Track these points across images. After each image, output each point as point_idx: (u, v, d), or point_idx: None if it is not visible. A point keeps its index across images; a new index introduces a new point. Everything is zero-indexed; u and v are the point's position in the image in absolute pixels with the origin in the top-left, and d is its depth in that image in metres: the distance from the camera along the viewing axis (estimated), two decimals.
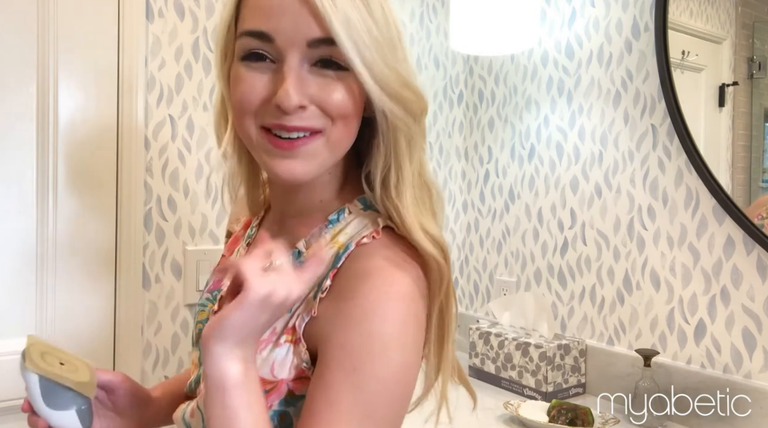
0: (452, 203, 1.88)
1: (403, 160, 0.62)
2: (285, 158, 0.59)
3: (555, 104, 1.61)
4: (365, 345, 0.55)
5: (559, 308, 1.59)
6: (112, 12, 1.28)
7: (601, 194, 1.49)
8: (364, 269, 0.58)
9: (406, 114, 0.61)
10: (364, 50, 0.56)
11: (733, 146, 1.25)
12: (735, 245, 1.23)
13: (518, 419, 1.27)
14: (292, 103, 0.56)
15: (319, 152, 0.60)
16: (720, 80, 1.27)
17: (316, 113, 0.58)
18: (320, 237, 0.64)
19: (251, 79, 0.58)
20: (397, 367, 0.56)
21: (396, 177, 0.62)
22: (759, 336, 1.19)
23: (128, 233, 1.30)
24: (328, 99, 0.58)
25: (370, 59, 0.57)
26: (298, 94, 0.56)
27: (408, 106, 0.61)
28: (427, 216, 0.63)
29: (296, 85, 0.56)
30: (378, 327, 0.55)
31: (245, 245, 0.75)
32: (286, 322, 0.60)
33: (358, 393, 0.53)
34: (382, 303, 0.56)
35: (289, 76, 0.56)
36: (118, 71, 1.29)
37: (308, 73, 0.58)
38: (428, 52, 1.82)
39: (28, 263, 1.21)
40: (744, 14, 1.25)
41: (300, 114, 0.57)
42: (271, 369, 0.59)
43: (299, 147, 0.58)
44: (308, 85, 0.57)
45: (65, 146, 1.24)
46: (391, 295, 0.57)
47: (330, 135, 0.59)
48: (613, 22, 1.46)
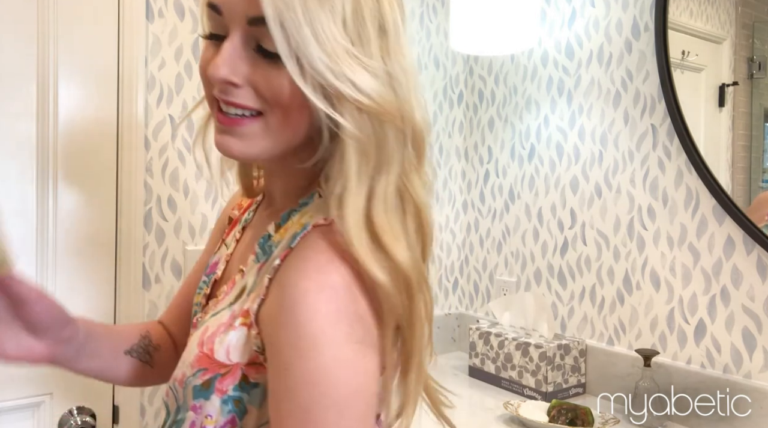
0: (452, 203, 1.88)
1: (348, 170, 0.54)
2: (224, 134, 0.58)
3: (555, 104, 1.61)
4: (293, 342, 0.50)
5: (559, 308, 1.59)
6: (112, 12, 1.28)
7: (601, 194, 1.49)
8: (304, 253, 0.55)
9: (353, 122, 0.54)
10: (298, 39, 0.51)
11: (733, 146, 1.25)
12: (735, 245, 1.23)
13: (518, 419, 1.27)
14: (218, 76, 0.55)
15: (257, 134, 0.57)
16: (720, 80, 1.27)
17: (251, 94, 0.56)
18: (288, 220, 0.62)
19: (207, 53, 0.59)
20: (329, 365, 0.49)
21: (340, 187, 0.55)
22: (759, 336, 1.19)
23: (128, 233, 1.30)
24: (262, 82, 0.55)
25: (304, 51, 0.52)
26: (228, 69, 0.55)
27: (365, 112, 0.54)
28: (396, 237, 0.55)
29: (228, 60, 0.55)
30: (306, 321, 0.50)
31: (240, 228, 0.75)
32: (242, 304, 0.59)
33: (292, 397, 0.49)
34: (311, 294, 0.51)
35: (222, 51, 0.55)
36: (118, 71, 1.29)
37: (252, 54, 0.55)
38: (428, 52, 1.82)
39: (27, 263, 1.21)
40: (744, 14, 1.25)
41: (235, 91, 0.56)
42: (226, 352, 0.57)
43: (236, 126, 0.57)
44: (246, 65, 0.55)
45: (65, 145, 1.24)
46: (323, 285, 0.51)
47: (269, 120, 0.57)
48: (613, 22, 1.46)
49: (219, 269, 0.73)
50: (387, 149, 0.56)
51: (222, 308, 0.62)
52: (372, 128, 0.55)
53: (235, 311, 0.59)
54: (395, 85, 0.57)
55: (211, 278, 0.73)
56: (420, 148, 0.60)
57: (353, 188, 0.54)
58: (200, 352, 0.59)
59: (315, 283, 0.51)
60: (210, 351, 0.58)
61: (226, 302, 0.63)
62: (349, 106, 0.54)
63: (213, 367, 0.58)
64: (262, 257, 0.63)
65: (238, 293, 0.62)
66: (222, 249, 0.76)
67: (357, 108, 0.54)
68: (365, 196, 0.54)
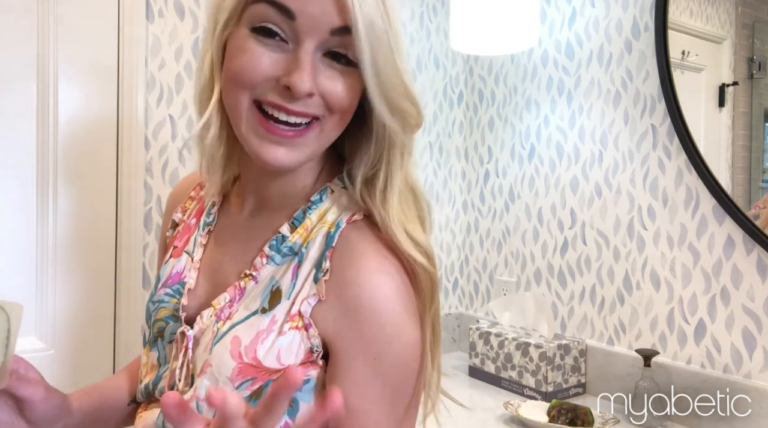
0: (452, 203, 1.88)
1: (395, 168, 0.62)
2: (276, 145, 0.57)
3: (555, 104, 1.61)
4: (379, 333, 0.56)
5: (559, 308, 1.59)
6: (112, 12, 1.28)
7: (601, 194, 1.49)
8: (357, 249, 0.59)
9: (403, 126, 0.61)
10: (378, 54, 0.56)
11: (733, 146, 1.25)
12: (735, 245, 1.23)
13: (518, 419, 1.27)
14: (305, 90, 0.55)
15: (311, 142, 0.59)
16: (720, 80, 1.27)
17: (318, 102, 0.57)
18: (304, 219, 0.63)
19: (259, 54, 0.56)
20: (411, 344, 0.58)
21: (384, 183, 0.61)
22: (759, 336, 1.19)
23: (128, 233, 1.30)
24: (334, 91, 0.58)
25: (382, 64, 0.57)
26: (312, 82, 0.56)
27: (406, 118, 0.61)
28: (413, 222, 0.62)
29: (312, 73, 0.56)
30: (386, 310, 0.57)
31: (204, 232, 0.70)
32: (288, 309, 0.59)
33: (384, 379, 0.56)
34: (382, 286, 0.57)
35: (305, 62, 0.55)
36: (118, 71, 1.29)
37: (319, 62, 0.57)
38: (428, 52, 1.82)
39: (28, 262, 1.22)
40: (744, 14, 1.25)
41: (305, 101, 0.56)
42: (277, 357, 0.57)
43: (297, 138, 0.58)
44: (318, 74, 0.57)
45: (65, 145, 1.24)
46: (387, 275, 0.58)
47: (324, 125, 0.59)
48: (613, 22, 1.46)
49: (190, 279, 0.68)
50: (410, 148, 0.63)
51: (247, 316, 0.60)
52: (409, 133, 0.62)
53: (276, 316, 0.59)
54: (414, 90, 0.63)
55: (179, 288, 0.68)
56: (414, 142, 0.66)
57: (396, 185, 0.61)
58: (240, 363, 0.57)
59: (382, 276, 0.58)
60: (254, 359, 0.57)
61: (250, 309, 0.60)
62: (402, 116, 0.60)
63: (262, 375, 0.57)
64: (279, 259, 0.62)
65: (268, 298, 0.60)
66: (183, 258, 0.70)
67: (405, 118, 0.61)
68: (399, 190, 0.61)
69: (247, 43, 0.56)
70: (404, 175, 0.63)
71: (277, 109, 0.57)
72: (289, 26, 0.55)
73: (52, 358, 1.23)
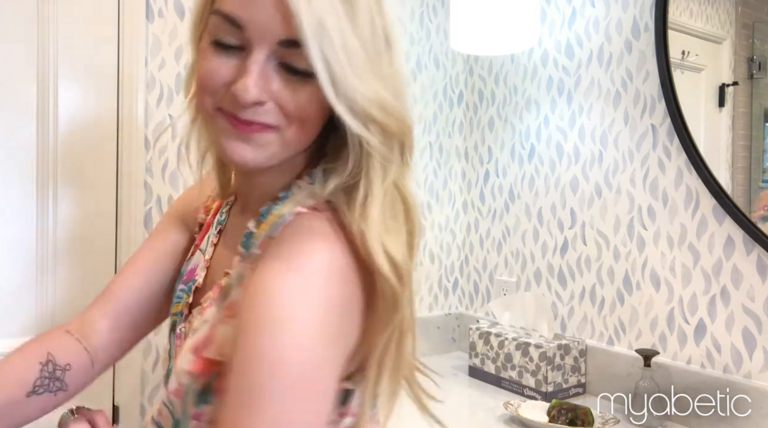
0: (452, 203, 1.88)
1: (374, 180, 0.57)
2: (239, 141, 0.57)
3: (555, 104, 1.61)
4: (258, 321, 0.49)
5: (559, 308, 1.59)
6: (112, 12, 1.28)
7: (601, 194, 1.49)
8: (283, 238, 0.55)
9: (382, 137, 0.57)
10: (333, 63, 0.52)
11: (733, 146, 1.25)
12: (735, 245, 1.23)
13: (518, 419, 1.27)
14: (249, 99, 0.54)
15: (272, 143, 0.57)
16: (720, 80, 1.27)
17: (273, 109, 0.56)
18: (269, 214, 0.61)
19: (217, 62, 0.56)
20: (288, 347, 0.48)
21: (363, 196, 0.57)
22: (759, 336, 1.19)
23: (128, 233, 1.30)
24: (289, 100, 0.55)
25: (340, 74, 0.53)
26: (257, 90, 0.54)
27: (384, 130, 0.57)
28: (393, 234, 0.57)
29: (257, 80, 0.54)
30: (272, 301, 0.50)
31: (216, 232, 0.73)
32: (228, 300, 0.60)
33: (247, 372, 0.48)
34: (283, 275, 0.51)
35: (251, 71, 0.54)
36: (118, 71, 1.29)
37: (274, 70, 0.55)
38: (428, 52, 1.82)
39: (27, 262, 1.22)
40: (744, 14, 1.25)
41: (256, 109, 0.55)
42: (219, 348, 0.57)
43: (254, 133, 0.56)
44: (272, 82, 0.55)
45: (65, 145, 1.24)
46: (298, 267, 0.52)
47: (284, 134, 0.57)
48: (613, 22, 1.46)
49: (199, 277, 0.70)
50: (394, 158, 0.59)
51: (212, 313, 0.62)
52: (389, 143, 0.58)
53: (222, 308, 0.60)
54: (401, 97, 0.59)
55: (191, 285, 0.71)
56: (411, 149, 0.62)
57: (377, 197, 0.57)
58: (196, 357, 0.59)
59: (288, 265, 0.52)
60: (206, 353, 0.58)
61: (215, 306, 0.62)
62: (377, 126, 0.56)
63: (208, 368, 0.58)
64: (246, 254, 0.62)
65: (224, 293, 0.62)
66: (198, 255, 0.73)
67: (382, 128, 0.56)
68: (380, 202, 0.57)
69: (207, 52, 0.57)
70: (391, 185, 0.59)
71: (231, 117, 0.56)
72: (240, 36, 0.55)
73: None
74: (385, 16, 0.58)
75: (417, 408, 0.62)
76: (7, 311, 1.19)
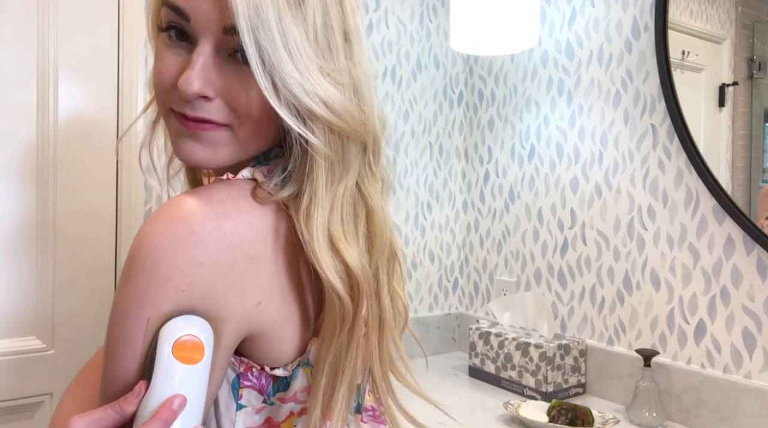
0: (452, 203, 1.88)
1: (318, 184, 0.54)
2: (190, 139, 0.55)
3: (555, 104, 1.61)
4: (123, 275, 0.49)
5: (559, 308, 1.59)
6: (112, 12, 1.28)
7: (601, 194, 1.49)
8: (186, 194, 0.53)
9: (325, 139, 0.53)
10: (268, 51, 0.49)
11: (733, 146, 1.25)
12: (735, 245, 1.23)
13: (518, 419, 1.27)
14: (192, 90, 0.51)
15: (224, 142, 0.55)
16: (720, 80, 1.27)
17: (221, 106, 0.53)
18: None
19: (168, 59, 0.54)
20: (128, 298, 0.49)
21: (308, 200, 0.54)
22: (759, 336, 1.19)
23: (128, 233, 1.30)
24: (235, 95, 0.53)
25: (275, 64, 0.50)
26: (200, 81, 0.51)
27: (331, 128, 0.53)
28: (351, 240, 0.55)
29: (200, 71, 0.51)
30: (133, 247, 0.49)
31: None
32: None
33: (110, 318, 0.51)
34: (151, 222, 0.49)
35: (195, 63, 0.51)
36: (118, 71, 1.29)
37: (223, 63, 0.53)
38: (428, 52, 1.82)
39: (28, 262, 1.22)
40: (744, 14, 1.25)
41: (203, 104, 0.53)
42: None
43: (204, 131, 0.54)
44: (218, 76, 0.53)
45: (65, 145, 1.24)
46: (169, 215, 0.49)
47: (237, 132, 0.55)
48: (613, 22, 1.46)
49: None
50: (349, 161, 0.56)
51: None
52: (340, 144, 0.55)
53: None
54: (360, 95, 0.56)
55: None
56: (377, 152, 0.60)
57: (321, 202, 0.54)
58: None
59: (158, 216, 0.50)
60: None
61: None
62: (320, 124, 0.53)
63: None
64: None
65: None
66: None
67: (328, 127, 0.53)
68: (329, 208, 0.54)
69: (161, 50, 0.56)
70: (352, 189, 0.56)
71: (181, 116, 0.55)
72: (187, 28, 0.53)
73: (52, 358, 1.23)
74: (345, 8, 0.56)
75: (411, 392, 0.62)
76: (7, 312, 1.19)
